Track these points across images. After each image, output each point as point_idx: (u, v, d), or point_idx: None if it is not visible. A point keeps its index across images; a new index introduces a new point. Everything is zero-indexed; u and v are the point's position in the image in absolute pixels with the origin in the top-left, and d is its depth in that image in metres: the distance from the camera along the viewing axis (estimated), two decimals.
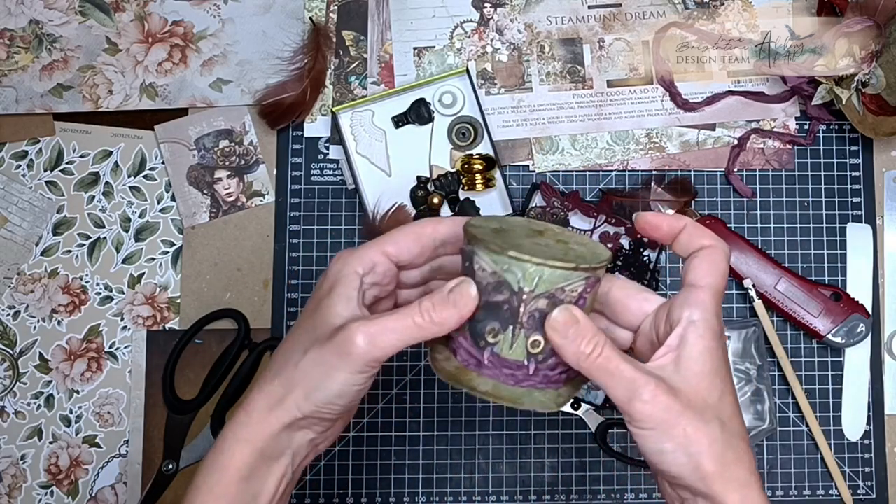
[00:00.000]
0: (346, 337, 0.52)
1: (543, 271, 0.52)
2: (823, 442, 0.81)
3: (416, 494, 0.81)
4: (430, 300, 0.53)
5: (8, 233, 0.84)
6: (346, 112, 0.83)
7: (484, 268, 0.53)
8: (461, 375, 0.55)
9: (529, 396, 0.54)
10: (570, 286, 0.53)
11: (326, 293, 0.56)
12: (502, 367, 0.54)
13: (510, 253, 0.52)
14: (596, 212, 0.82)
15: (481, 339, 0.54)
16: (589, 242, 0.58)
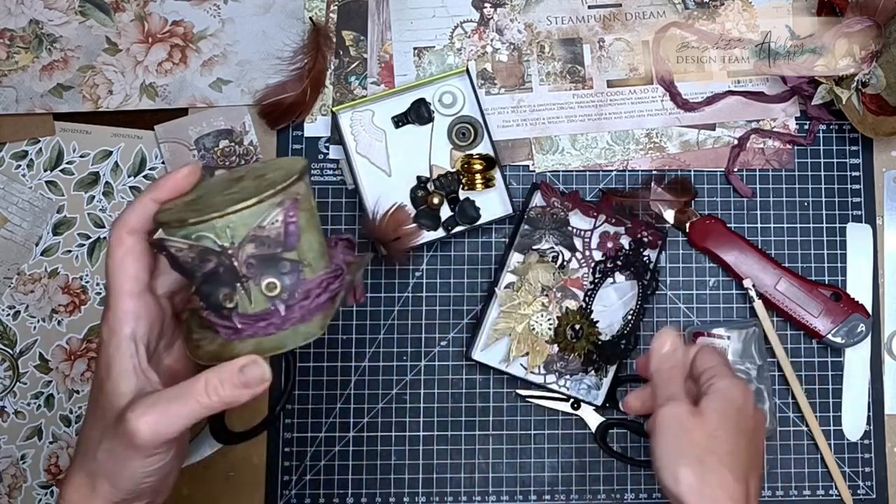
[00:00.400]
0: (127, 428, 0.50)
1: (230, 220, 0.51)
2: (823, 442, 0.81)
3: (416, 494, 0.81)
4: (216, 377, 0.51)
5: (8, 233, 0.84)
6: (346, 112, 0.83)
7: (179, 247, 0.52)
8: (223, 351, 0.53)
9: (294, 335, 0.53)
10: (268, 220, 0.52)
11: (105, 373, 0.53)
12: (256, 322, 0.53)
13: (190, 220, 0.51)
14: (596, 212, 0.82)
15: (223, 309, 0.53)
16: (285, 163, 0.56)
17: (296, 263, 0.54)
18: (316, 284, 0.54)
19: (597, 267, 0.81)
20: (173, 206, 0.54)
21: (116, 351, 0.53)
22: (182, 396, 0.51)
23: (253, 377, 0.51)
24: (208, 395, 0.51)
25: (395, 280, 0.83)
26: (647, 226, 0.82)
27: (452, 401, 0.82)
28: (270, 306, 0.53)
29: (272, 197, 0.52)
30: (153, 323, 0.55)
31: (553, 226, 0.81)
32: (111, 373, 0.53)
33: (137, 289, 0.54)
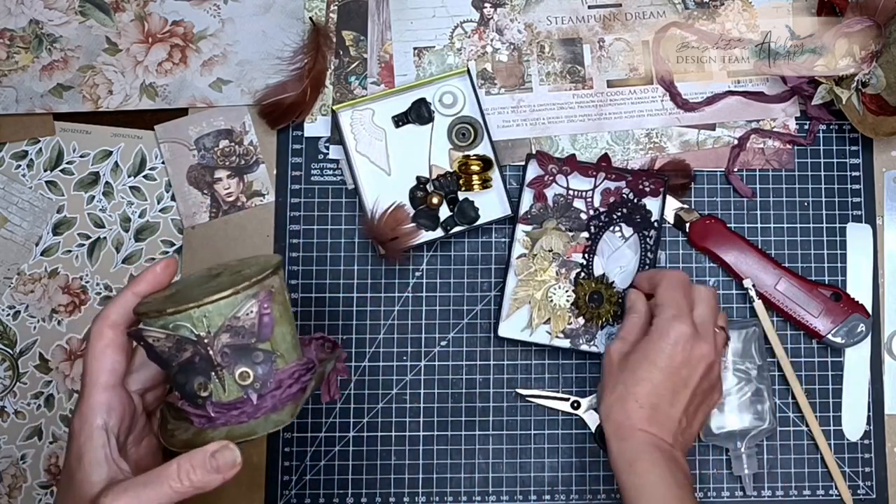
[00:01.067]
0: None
1: (207, 310, 0.53)
2: (823, 442, 0.81)
3: (416, 494, 0.81)
4: (188, 462, 0.52)
5: (8, 233, 0.84)
6: (346, 111, 0.83)
7: (156, 337, 0.54)
8: (196, 439, 0.55)
9: (265, 423, 0.55)
10: (243, 310, 0.54)
11: (76, 463, 0.54)
12: (228, 411, 0.55)
13: (168, 310, 0.53)
14: (595, 170, 0.82)
15: (197, 398, 0.55)
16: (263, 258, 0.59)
17: (269, 354, 0.56)
18: (288, 375, 0.56)
19: (592, 220, 0.81)
20: (153, 300, 0.57)
21: (88, 440, 0.54)
22: (154, 482, 0.52)
23: (224, 462, 0.53)
24: (180, 479, 0.52)
25: (394, 280, 0.84)
26: (648, 174, 0.82)
27: (452, 401, 0.82)
28: (243, 395, 0.55)
29: (247, 289, 0.54)
30: (124, 416, 0.57)
31: (558, 213, 0.82)
32: (82, 462, 0.54)
33: (112, 381, 0.56)
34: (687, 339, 0.69)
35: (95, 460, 0.54)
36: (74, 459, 0.55)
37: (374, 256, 0.83)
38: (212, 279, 0.58)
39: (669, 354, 0.69)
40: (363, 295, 0.83)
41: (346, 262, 0.84)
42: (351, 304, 0.83)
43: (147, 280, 0.59)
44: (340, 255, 0.84)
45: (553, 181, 0.82)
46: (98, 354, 0.57)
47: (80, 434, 0.55)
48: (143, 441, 0.60)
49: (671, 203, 0.83)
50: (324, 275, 0.83)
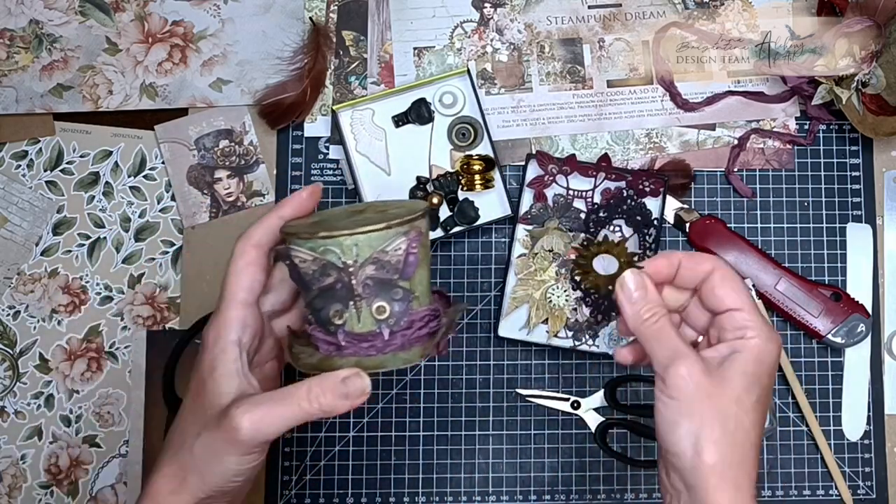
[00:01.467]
0: (231, 423, 0.53)
1: (358, 239, 0.53)
2: (823, 442, 0.81)
3: (416, 494, 0.81)
4: (319, 386, 0.53)
5: (8, 233, 0.84)
6: (346, 110, 0.83)
7: (303, 258, 0.54)
8: (323, 364, 0.55)
9: (393, 358, 0.55)
10: (392, 245, 0.54)
11: (208, 373, 0.56)
12: (359, 342, 0.55)
13: (321, 234, 0.53)
14: (595, 170, 0.82)
15: (330, 325, 0.55)
16: (407, 203, 0.59)
17: (408, 292, 0.56)
18: (420, 317, 0.56)
19: (590, 216, 0.81)
20: (300, 224, 0.57)
21: (222, 353, 0.56)
22: (285, 399, 0.53)
23: (354, 389, 0.53)
24: (309, 401, 0.53)
25: None
26: (648, 174, 0.82)
27: (452, 401, 0.82)
28: (376, 328, 0.55)
29: (399, 226, 0.54)
30: (255, 334, 0.58)
31: (558, 213, 0.82)
32: (215, 373, 0.55)
33: (250, 299, 0.57)
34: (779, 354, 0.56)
35: (227, 373, 0.55)
36: (206, 370, 0.56)
37: None
38: (356, 214, 0.58)
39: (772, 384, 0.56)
40: None
41: None
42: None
43: (292, 204, 0.59)
44: None
45: (553, 181, 0.82)
46: (239, 271, 0.57)
47: (215, 346, 0.56)
48: (267, 364, 0.61)
49: (671, 203, 0.83)
50: None
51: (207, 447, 0.54)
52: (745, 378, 0.53)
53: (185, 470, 0.55)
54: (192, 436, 0.55)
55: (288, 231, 0.56)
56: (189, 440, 0.55)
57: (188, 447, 0.55)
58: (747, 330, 0.54)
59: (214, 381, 0.55)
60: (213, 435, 0.54)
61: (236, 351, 0.56)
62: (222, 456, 0.54)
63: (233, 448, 0.53)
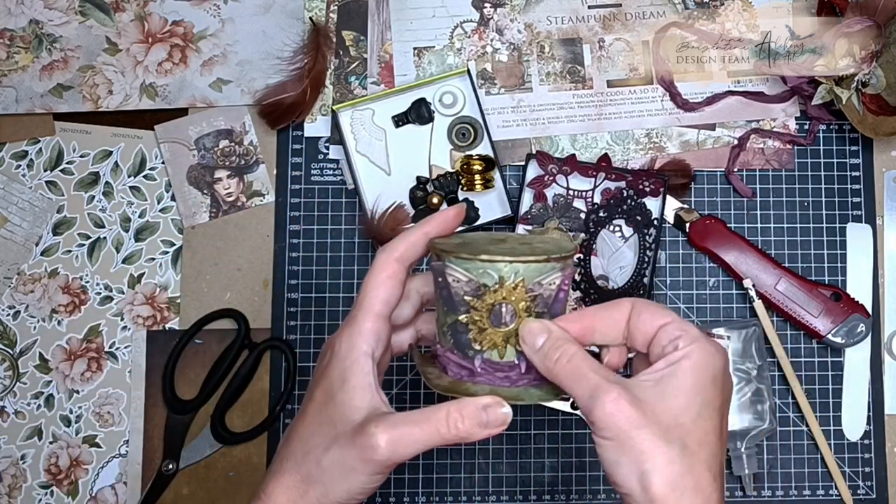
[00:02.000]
0: (368, 441, 0.52)
1: (518, 268, 0.52)
2: (823, 442, 0.81)
3: (416, 494, 0.81)
4: (458, 412, 0.52)
5: (8, 233, 0.84)
6: (346, 110, 0.83)
7: (458, 278, 0.53)
8: (457, 387, 0.54)
9: (527, 393, 0.54)
10: (547, 279, 0.53)
11: (339, 384, 0.54)
12: (495, 371, 0.54)
13: (482, 257, 0.52)
14: (595, 171, 0.82)
15: (469, 349, 0.54)
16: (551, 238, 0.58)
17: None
18: None
19: (590, 216, 0.81)
20: (448, 243, 0.55)
21: (355, 364, 0.54)
22: (423, 422, 0.52)
23: (494, 418, 0.52)
24: (448, 426, 0.52)
25: None
26: (648, 174, 0.82)
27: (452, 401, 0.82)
28: (514, 360, 0.54)
29: (559, 261, 0.53)
30: (385, 349, 0.57)
31: (558, 213, 0.82)
32: (346, 385, 0.54)
33: (385, 312, 0.56)
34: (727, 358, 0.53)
35: (360, 386, 0.54)
36: (337, 380, 0.54)
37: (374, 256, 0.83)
38: (499, 241, 0.57)
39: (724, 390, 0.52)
40: None
41: (346, 262, 0.84)
42: (351, 304, 0.83)
43: (437, 222, 0.58)
44: (340, 255, 0.84)
45: (553, 181, 0.82)
46: (379, 283, 0.56)
47: (347, 357, 0.54)
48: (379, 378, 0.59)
49: (671, 203, 0.83)
50: (324, 275, 0.83)
51: (338, 463, 0.53)
52: (683, 393, 0.50)
53: (308, 482, 0.54)
54: (319, 447, 0.54)
55: (444, 248, 0.54)
56: (315, 452, 0.54)
57: (314, 459, 0.54)
58: (680, 339, 0.51)
59: (346, 394, 0.54)
60: (345, 451, 0.53)
61: (370, 364, 0.55)
62: (353, 473, 0.53)
63: (366, 466, 0.52)
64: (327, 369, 0.56)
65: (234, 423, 0.82)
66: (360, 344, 0.55)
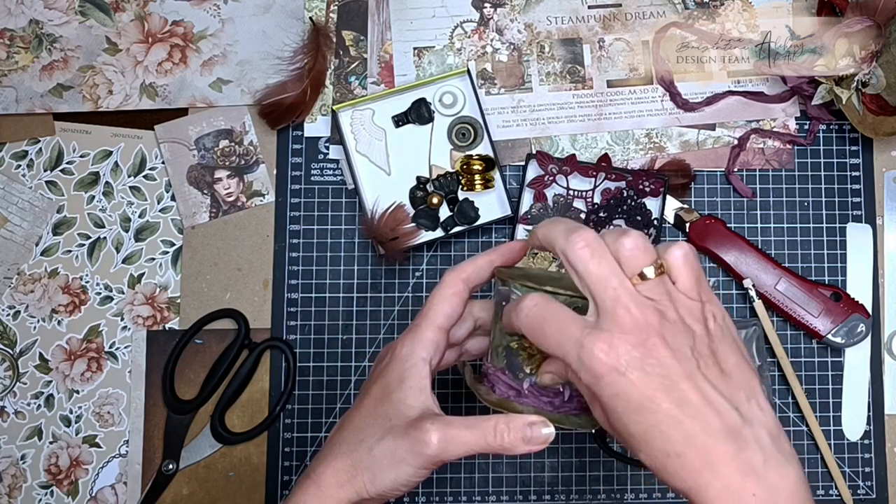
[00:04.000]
0: (421, 436, 0.56)
1: (578, 303, 0.55)
2: (823, 442, 0.81)
3: (417, 494, 0.81)
4: (505, 424, 0.56)
5: (8, 233, 0.84)
6: (346, 110, 0.83)
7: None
8: (504, 404, 0.59)
9: (567, 420, 0.58)
10: None
11: (397, 383, 0.59)
12: (541, 395, 0.58)
13: (547, 288, 0.56)
14: (595, 171, 0.82)
15: (520, 371, 0.58)
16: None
17: None
18: None
19: (590, 216, 0.81)
20: (511, 272, 0.60)
21: (414, 367, 0.59)
22: (473, 427, 0.56)
23: (538, 436, 0.55)
24: (494, 435, 0.55)
25: (394, 280, 0.84)
26: (648, 174, 0.82)
27: (452, 401, 0.82)
28: (560, 388, 0.58)
29: None
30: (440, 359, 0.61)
31: (558, 213, 0.82)
32: (404, 385, 0.59)
33: (446, 325, 0.61)
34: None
35: (417, 387, 0.58)
36: (395, 379, 0.59)
37: (374, 256, 0.83)
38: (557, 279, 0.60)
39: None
40: (363, 295, 0.83)
41: (346, 262, 0.84)
42: (351, 304, 0.83)
43: (503, 253, 0.63)
44: (340, 255, 0.84)
45: (553, 181, 0.82)
46: (444, 298, 0.61)
47: (408, 360, 0.59)
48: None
49: (671, 203, 0.83)
50: (324, 275, 0.83)
51: (390, 453, 0.57)
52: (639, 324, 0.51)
53: (357, 468, 0.57)
54: (372, 437, 0.58)
55: (511, 275, 0.59)
56: (368, 441, 0.58)
57: (367, 447, 0.58)
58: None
59: (403, 392, 0.58)
60: (398, 442, 0.57)
61: (427, 369, 0.59)
62: (402, 464, 0.56)
63: (415, 459, 0.56)
64: (386, 370, 0.60)
65: (234, 423, 0.82)
66: (419, 350, 0.59)
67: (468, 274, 0.62)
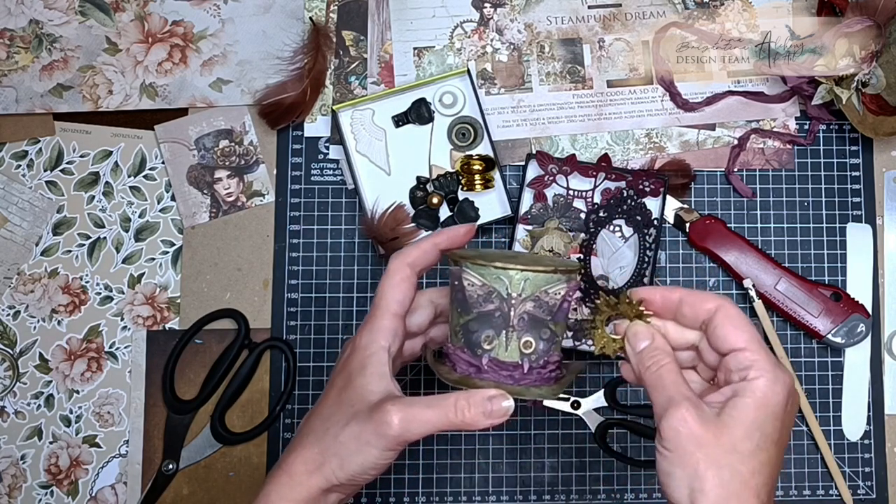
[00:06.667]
0: (383, 417, 0.56)
1: (528, 276, 0.58)
2: (823, 442, 0.81)
3: (416, 494, 0.81)
4: (465, 400, 0.56)
5: (8, 233, 0.84)
6: (346, 110, 0.83)
7: (473, 282, 0.59)
8: (465, 381, 0.60)
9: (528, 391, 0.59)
10: (554, 288, 0.59)
11: (359, 370, 0.60)
12: (500, 369, 0.59)
13: (496, 264, 0.58)
14: (595, 171, 0.82)
15: (478, 348, 0.59)
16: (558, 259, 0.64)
17: (553, 334, 0.60)
18: (554, 360, 0.60)
19: (590, 216, 0.81)
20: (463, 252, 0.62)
21: (374, 355, 0.60)
22: (434, 405, 0.57)
23: (497, 408, 0.56)
24: (455, 411, 0.56)
25: None
26: (648, 174, 0.82)
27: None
28: (518, 360, 0.59)
29: (565, 273, 0.59)
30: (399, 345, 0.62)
31: (558, 213, 0.82)
32: (365, 371, 0.60)
33: (400, 312, 0.62)
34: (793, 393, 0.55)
35: (378, 373, 0.59)
36: (356, 368, 0.60)
37: (374, 256, 0.83)
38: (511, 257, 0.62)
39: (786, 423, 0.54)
40: (363, 295, 0.83)
41: (346, 262, 0.84)
42: (351, 304, 0.83)
43: (448, 236, 0.64)
44: (340, 255, 0.84)
45: (553, 181, 0.82)
46: (394, 285, 0.62)
47: (367, 349, 0.60)
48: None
49: (671, 203, 0.83)
50: (324, 275, 0.83)
51: (355, 437, 0.58)
52: (743, 425, 0.52)
53: (325, 455, 0.58)
54: (338, 425, 0.59)
55: (463, 255, 0.61)
56: (334, 428, 0.59)
57: (332, 434, 0.59)
58: (750, 370, 0.54)
59: (365, 379, 0.59)
60: (362, 426, 0.57)
61: (385, 356, 0.60)
62: (367, 447, 0.57)
63: (379, 441, 0.57)
64: (348, 360, 0.61)
65: (234, 423, 0.82)
66: (378, 339, 0.60)
67: (413, 258, 0.62)
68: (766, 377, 0.53)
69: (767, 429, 0.53)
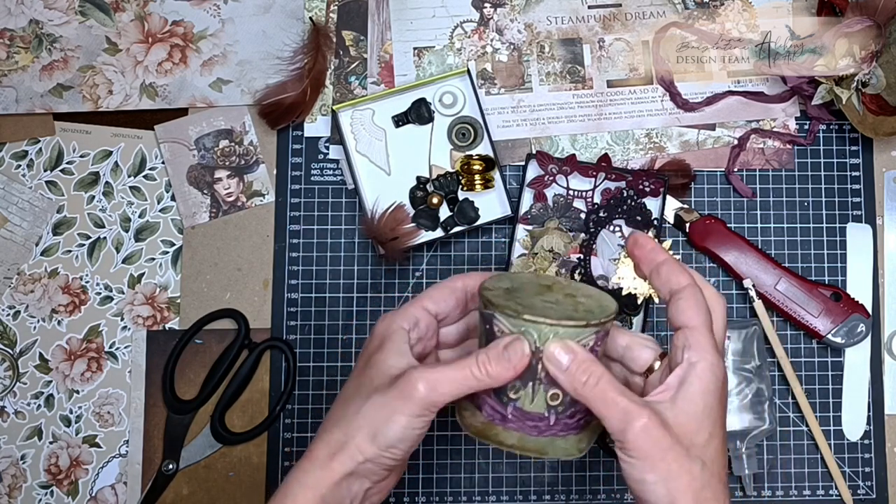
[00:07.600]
0: (407, 382, 0.56)
1: (557, 330, 0.56)
2: (823, 442, 0.81)
3: (416, 494, 0.81)
4: (485, 353, 0.56)
5: (8, 233, 0.84)
6: (346, 110, 0.83)
7: (503, 330, 0.57)
8: (488, 430, 0.59)
9: (552, 445, 0.58)
10: (582, 340, 0.56)
11: (377, 349, 0.60)
12: (525, 419, 0.58)
13: (526, 317, 0.56)
14: (595, 171, 0.82)
15: (504, 396, 0.58)
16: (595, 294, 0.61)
17: None
18: (581, 410, 0.58)
19: (590, 216, 0.81)
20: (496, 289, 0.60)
21: (394, 333, 0.60)
22: (458, 367, 0.56)
23: (515, 354, 0.55)
24: (479, 366, 0.56)
25: (394, 280, 0.84)
26: (648, 174, 0.82)
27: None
28: (544, 412, 0.58)
29: (596, 326, 0.57)
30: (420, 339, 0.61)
31: (558, 213, 0.82)
32: (384, 348, 0.59)
33: (432, 309, 0.61)
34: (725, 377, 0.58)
35: (396, 349, 0.59)
36: (375, 347, 0.60)
37: (374, 256, 0.83)
38: (546, 290, 0.61)
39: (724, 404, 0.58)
40: (363, 295, 0.83)
41: (346, 262, 0.84)
42: (351, 304, 0.83)
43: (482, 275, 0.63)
44: (340, 255, 0.84)
45: (553, 181, 0.82)
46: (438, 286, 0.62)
47: (388, 328, 0.60)
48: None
49: (671, 203, 0.83)
50: (324, 275, 0.83)
51: (379, 407, 0.56)
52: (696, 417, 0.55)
53: (349, 432, 0.57)
54: (359, 400, 0.58)
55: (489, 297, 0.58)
56: (356, 404, 0.58)
57: (354, 410, 0.57)
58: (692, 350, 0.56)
59: (383, 355, 0.59)
60: (386, 395, 0.56)
61: (405, 336, 0.59)
62: (393, 415, 0.56)
63: (406, 407, 0.56)
64: (369, 343, 0.61)
65: (234, 423, 0.82)
66: (399, 321, 0.60)
67: (472, 281, 0.62)
68: (706, 361, 0.55)
69: (714, 414, 0.55)
